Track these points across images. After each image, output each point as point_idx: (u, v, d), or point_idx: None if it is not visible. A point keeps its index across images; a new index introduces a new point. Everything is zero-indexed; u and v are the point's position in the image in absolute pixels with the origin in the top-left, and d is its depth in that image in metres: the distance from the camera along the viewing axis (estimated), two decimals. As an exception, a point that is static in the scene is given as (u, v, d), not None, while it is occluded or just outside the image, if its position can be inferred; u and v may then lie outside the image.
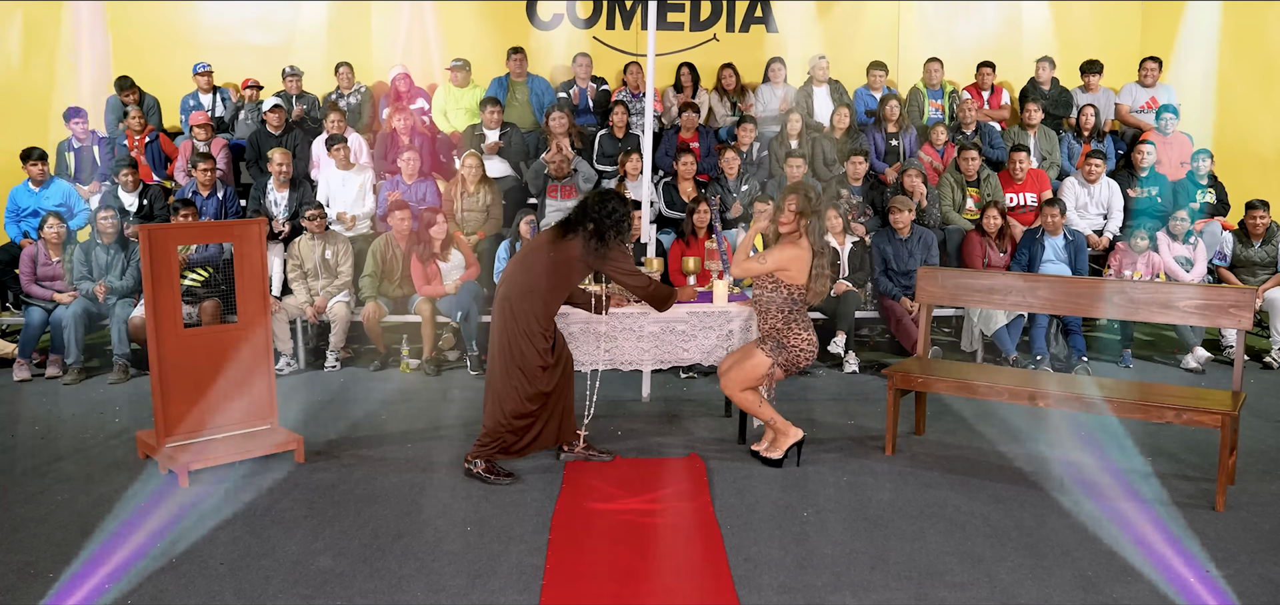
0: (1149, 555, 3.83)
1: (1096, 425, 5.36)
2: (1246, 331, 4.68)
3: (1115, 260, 7.09)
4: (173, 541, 3.95)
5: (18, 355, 6.67)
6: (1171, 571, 3.71)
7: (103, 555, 3.83)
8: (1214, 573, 3.71)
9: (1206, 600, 3.51)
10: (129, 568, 3.73)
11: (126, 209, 7.29)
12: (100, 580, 3.62)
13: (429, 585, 3.59)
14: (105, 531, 4.04)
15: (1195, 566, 3.76)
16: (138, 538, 3.99)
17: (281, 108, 8.04)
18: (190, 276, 6.69)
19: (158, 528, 4.09)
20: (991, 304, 5.64)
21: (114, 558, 3.81)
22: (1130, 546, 3.91)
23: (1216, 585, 3.61)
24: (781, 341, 4.70)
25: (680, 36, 9.18)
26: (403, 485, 4.56)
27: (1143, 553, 3.85)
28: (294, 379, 6.56)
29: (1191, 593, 3.55)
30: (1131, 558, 3.81)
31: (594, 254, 4.61)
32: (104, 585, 3.59)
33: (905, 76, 9.09)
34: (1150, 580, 3.64)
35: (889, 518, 4.19)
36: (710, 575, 3.66)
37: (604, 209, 4.63)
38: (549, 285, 4.59)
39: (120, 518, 4.19)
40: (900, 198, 6.99)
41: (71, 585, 3.59)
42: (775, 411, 4.80)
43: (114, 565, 3.75)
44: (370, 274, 6.81)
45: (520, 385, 4.57)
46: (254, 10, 9.01)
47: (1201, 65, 8.63)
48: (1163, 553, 3.86)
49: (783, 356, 4.70)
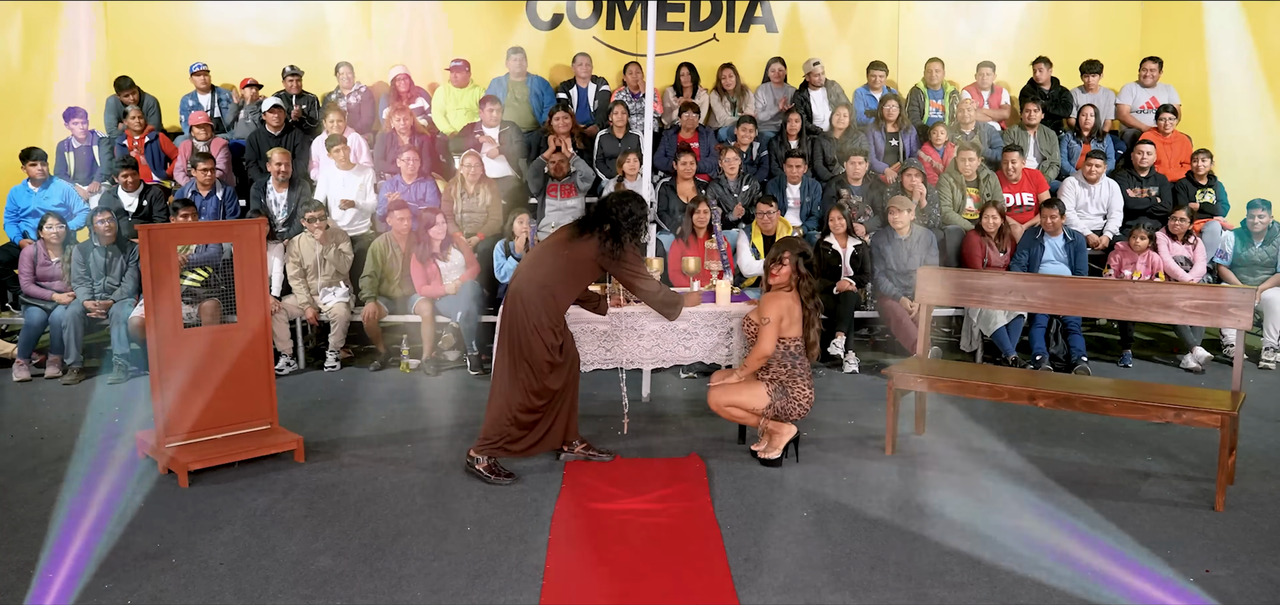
0: (1149, 555, 3.83)
1: (1096, 425, 5.36)
2: (1246, 332, 4.68)
3: (1115, 260, 7.09)
4: (173, 541, 3.95)
5: (17, 355, 6.67)
6: (1171, 571, 3.70)
7: (103, 555, 3.83)
8: (1214, 573, 3.71)
9: (1206, 601, 3.50)
10: (129, 568, 3.73)
11: (126, 209, 7.29)
12: (100, 580, 3.62)
13: (429, 585, 3.59)
14: (105, 531, 4.04)
15: (1195, 567, 3.76)
16: (138, 538, 3.99)
17: (281, 108, 8.04)
18: (190, 276, 6.69)
19: (158, 528, 4.09)
20: (991, 304, 5.64)
21: (114, 558, 3.81)
22: (1130, 546, 3.91)
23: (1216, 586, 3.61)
24: (785, 389, 4.74)
25: (680, 36, 9.18)
26: (403, 485, 4.56)
27: (1143, 553, 3.85)
28: (294, 379, 6.56)
29: (1190, 594, 3.55)
30: (1131, 558, 3.81)
31: (609, 255, 4.61)
32: (104, 585, 3.59)
33: (905, 76, 9.09)
34: (1149, 581, 3.64)
35: (889, 518, 4.19)
36: (710, 575, 3.66)
37: (623, 210, 4.64)
38: (562, 283, 4.60)
39: (120, 518, 4.19)
40: (900, 198, 6.99)
41: (70, 584, 3.59)
42: None
43: (114, 565, 3.75)
44: (370, 274, 6.81)
45: (527, 380, 4.56)
46: (254, 10, 9.01)
47: (1201, 65, 8.63)
48: (1163, 553, 3.86)
49: (781, 402, 4.74)
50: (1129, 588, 3.59)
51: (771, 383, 4.76)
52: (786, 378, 4.74)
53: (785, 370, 4.75)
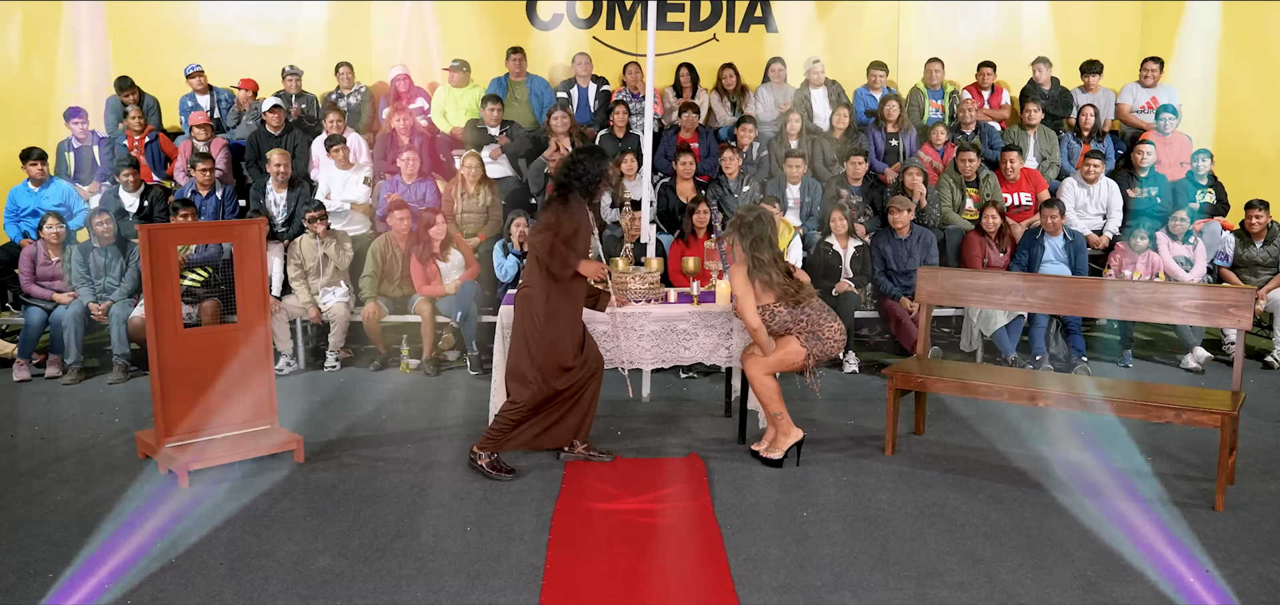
0: (1149, 555, 3.84)
1: (1096, 425, 5.36)
2: (1247, 332, 4.68)
3: (1115, 260, 7.09)
4: (173, 541, 3.95)
5: (18, 355, 6.67)
6: (1171, 571, 3.71)
7: (103, 555, 3.83)
8: (1214, 573, 3.71)
9: (1206, 600, 3.50)
10: (129, 568, 3.73)
11: (126, 209, 7.29)
12: (100, 580, 3.62)
13: (429, 585, 3.59)
14: (105, 531, 4.04)
15: (1195, 566, 3.76)
16: (138, 538, 3.99)
17: (281, 108, 8.04)
18: (190, 276, 6.69)
19: (158, 528, 4.09)
20: (991, 304, 5.64)
21: (114, 558, 3.81)
22: (1130, 546, 3.91)
23: (1216, 585, 3.61)
24: (815, 334, 4.72)
25: (680, 36, 9.18)
26: (403, 485, 4.56)
27: (1143, 553, 3.86)
28: (294, 379, 6.56)
29: (1191, 593, 3.55)
30: (1131, 558, 3.81)
31: (552, 212, 4.52)
32: (104, 585, 3.59)
33: (905, 76, 9.09)
34: (1150, 580, 3.64)
35: (889, 518, 4.19)
36: (710, 575, 3.66)
37: (574, 170, 4.55)
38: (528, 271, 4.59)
39: (120, 518, 4.19)
40: (900, 198, 6.99)
41: (71, 585, 3.59)
42: (784, 406, 4.80)
43: (114, 565, 3.75)
44: (370, 274, 6.81)
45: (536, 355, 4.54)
46: (253, 10, 9.01)
47: (1202, 65, 8.63)
48: (1163, 553, 3.86)
49: (817, 347, 4.72)
50: (1129, 588, 3.59)
51: (800, 336, 4.73)
52: (809, 326, 4.72)
53: (803, 323, 4.72)
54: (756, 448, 4.90)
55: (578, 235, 4.55)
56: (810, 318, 4.72)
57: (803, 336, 4.72)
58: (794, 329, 4.73)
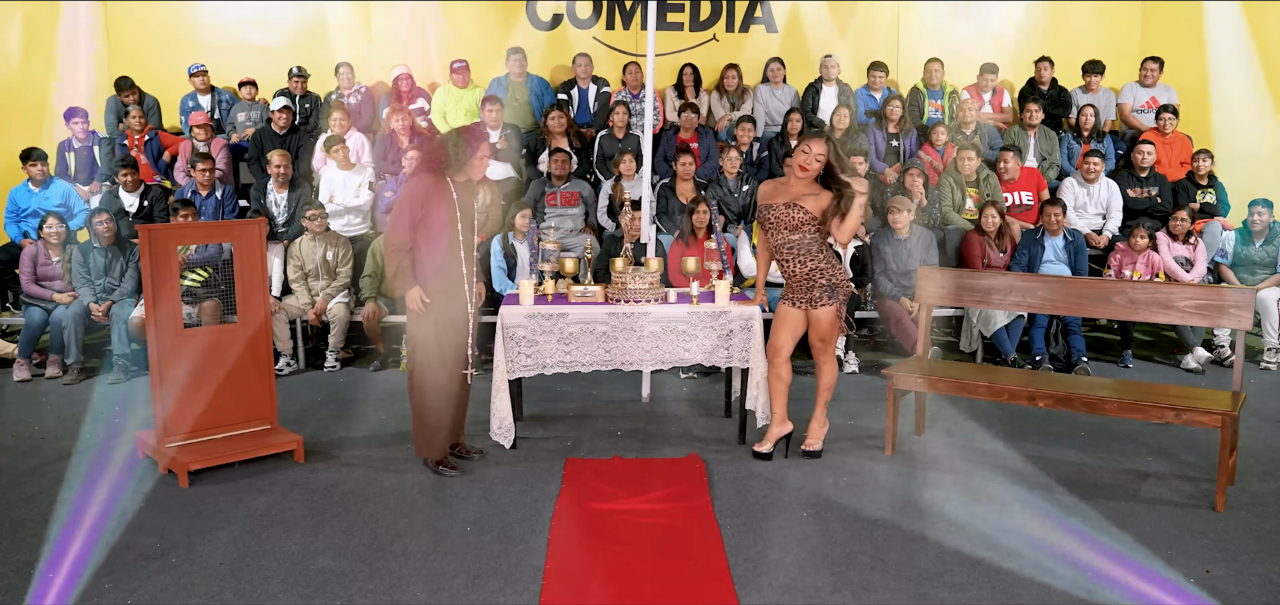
0: (1149, 556, 3.83)
1: (1096, 425, 5.36)
2: (1246, 332, 4.68)
3: (1115, 260, 7.09)
4: (173, 542, 3.95)
5: (18, 355, 6.67)
6: (1171, 572, 3.70)
7: (103, 555, 3.82)
8: (1214, 573, 3.71)
9: (1207, 602, 3.50)
10: (129, 568, 3.73)
11: (126, 209, 7.29)
12: (99, 580, 3.62)
13: (429, 585, 3.59)
14: (105, 531, 4.04)
15: (1195, 567, 3.76)
16: (138, 538, 3.99)
17: (289, 109, 8.05)
18: (190, 276, 6.69)
19: (158, 528, 4.09)
20: (991, 304, 5.64)
21: (114, 558, 3.81)
22: (1130, 546, 3.91)
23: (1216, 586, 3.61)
24: (832, 283, 4.67)
25: (680, 37, 9.18)
26: (403, 485, 4.56)
27: (1143, 553, 3.85)
28: (294, 379, 6.56)
29: (1190, 595, 3.55)
30: (1131, 558, 3.81)
31: (409, 185, 4.60)
32: (104, 585, 3.59)
33: (905, 77, 9.09)
34: (1149, 581, 3.63)
35: (889, 518, 4.19)
36: (710, 575, 3.66)
37: (445, 143, 4.65)
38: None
39: (120, 518, 4.19)
40: (900, 197, 6.98)
41: (70, 585, 3.59)
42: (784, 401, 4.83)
43: (114, 565, 3.75)
44: (370, 274, 6.81)
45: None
46: (254, 10, 9.01)
47: (1201, 65, 8.63)
48: (1163, 553, 3.86)
49: (841, 297, 4.69)
50: (1129, 588, 3.59)
51: (819, 298, 4.66)
52: (829, 271, 4.66)
53: (822, 257, 4.65)
54: (757, 448, 4.91)
55: (436, 211, 4.58)
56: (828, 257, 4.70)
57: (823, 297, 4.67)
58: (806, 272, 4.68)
